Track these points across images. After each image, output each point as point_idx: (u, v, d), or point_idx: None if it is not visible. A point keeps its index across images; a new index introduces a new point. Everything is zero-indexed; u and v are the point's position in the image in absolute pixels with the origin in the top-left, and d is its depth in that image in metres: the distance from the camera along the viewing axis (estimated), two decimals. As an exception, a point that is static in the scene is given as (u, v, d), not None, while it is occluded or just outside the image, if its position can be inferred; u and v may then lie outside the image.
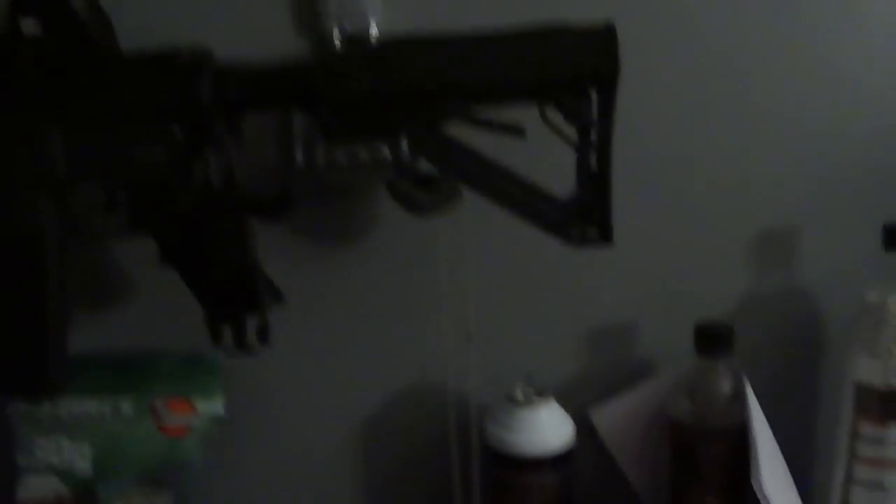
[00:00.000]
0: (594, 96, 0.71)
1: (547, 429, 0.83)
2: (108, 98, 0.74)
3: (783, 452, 0.86)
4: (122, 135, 0.74)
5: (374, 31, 0.82)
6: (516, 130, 0.73)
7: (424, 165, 0.76)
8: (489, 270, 0.89)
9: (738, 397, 0.83)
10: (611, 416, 0.90)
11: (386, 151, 0.82)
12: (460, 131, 0.74)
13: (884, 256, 0.83)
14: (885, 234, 0.83)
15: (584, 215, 0.74)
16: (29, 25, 0.74)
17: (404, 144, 0.76)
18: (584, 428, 0.89)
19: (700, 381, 0.85)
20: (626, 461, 0.90)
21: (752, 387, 0.84)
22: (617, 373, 0.92)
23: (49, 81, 0.75)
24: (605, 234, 0.74)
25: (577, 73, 0.71)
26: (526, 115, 0.72)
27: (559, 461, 0.83)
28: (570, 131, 0.72)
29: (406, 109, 0.73)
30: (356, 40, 0.82)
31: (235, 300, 0.76)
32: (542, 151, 0.72)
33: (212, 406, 0.85)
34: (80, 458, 0.84)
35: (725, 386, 0.84)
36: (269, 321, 0.77)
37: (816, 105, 0.89)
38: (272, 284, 0.78)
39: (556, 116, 0.72)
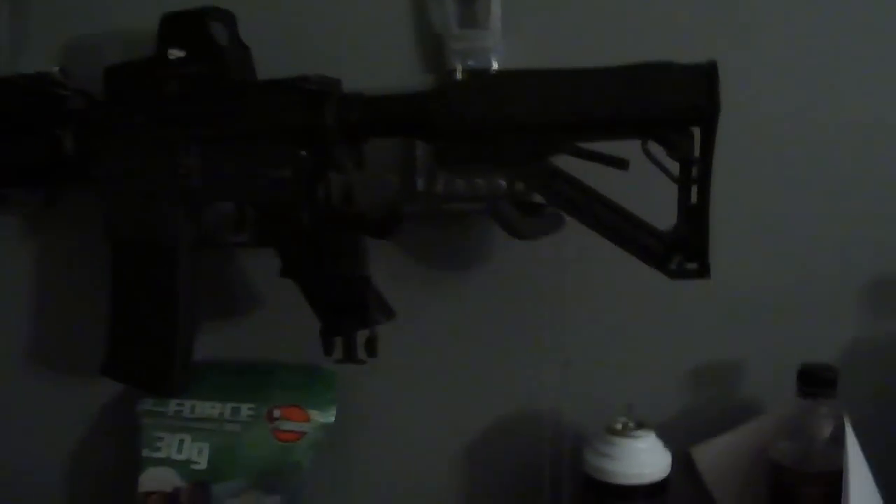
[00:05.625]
0: (696, 132, 0.78)
1: (643, 459, 0.89)
2: (242, 120, 0.86)
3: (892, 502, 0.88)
4: (253, 155, 0.85)
5: (494, 68, 0.91)
6: (620, 162, 0.80)
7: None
8: (591, 301, 0.96)
9: (839, 441, 0.87)
10: (712, 454, 0.95)
11: (501, 182, 0.92)
12: (565, 161, 0.81)
13: None
14: None
15: (684, 248, 0.80)
16: (174, 53, 0.87)
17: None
18: (683, 464, 0.95)
19: (801, 423, 0.89)
20: (724, 500, 0.95)
21: (860, 433, 0.87)
22: (719, 410, 0.97)
23: (190, 103, 0.87)
24: (702, 268, 0.80)
25: (679, 109, 0.77)
26: (626, 147, 0.79)
27: (653, 492, 0.89)
28: (672, 165, 0.79)
29: (515, 140, 0.81)
30: (474, 74, 0.91)
31: (347, 314, 0.85)
32: (642, 184, 0.78)
33: (324, 415, 0.96)
34: (198, 455, 0.95)
35: (826, 429, 0.88)
36: (379, 336, 0.86)
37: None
38: (384, 301, 0.87)
39: (657, 151, 0.79)
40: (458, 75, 0.91)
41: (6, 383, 1.05)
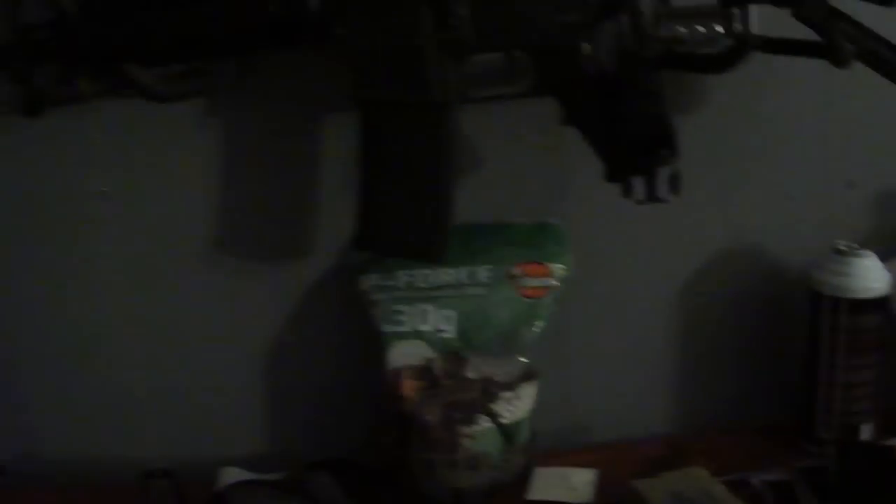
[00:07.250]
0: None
1: (874, 275, 0.97)
2: None
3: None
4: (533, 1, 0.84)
5: None
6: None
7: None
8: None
9: None
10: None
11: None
12: None
13: None
14: None
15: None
16: None
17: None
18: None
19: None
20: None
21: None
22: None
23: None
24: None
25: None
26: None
27: (881, 304, 0.98)
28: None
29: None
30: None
31: (651, 152, 0.86)
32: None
33: (563, 268, 0.96)
34: (446, 322, 0.94)
35: None
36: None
37: None
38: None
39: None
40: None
41: (200, 271, 0.98)
